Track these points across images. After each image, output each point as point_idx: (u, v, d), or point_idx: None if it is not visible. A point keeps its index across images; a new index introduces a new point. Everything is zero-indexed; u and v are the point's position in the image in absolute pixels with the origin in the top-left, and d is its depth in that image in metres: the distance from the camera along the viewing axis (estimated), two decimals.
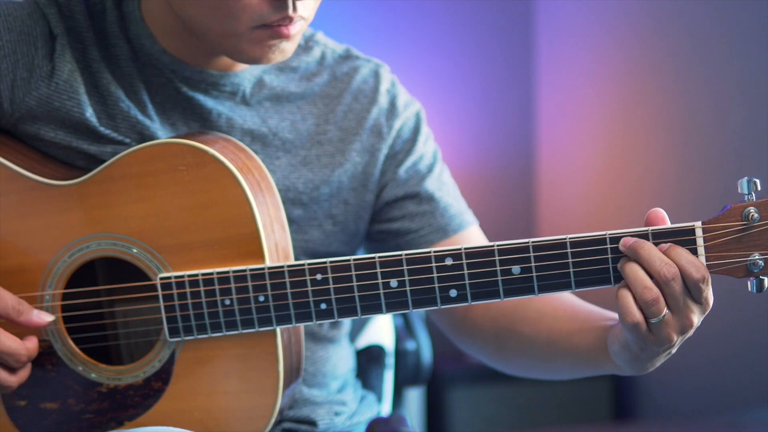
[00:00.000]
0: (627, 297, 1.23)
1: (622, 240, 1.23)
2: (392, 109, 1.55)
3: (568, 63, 3.71)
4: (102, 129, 1.41)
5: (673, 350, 1.27)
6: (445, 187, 1.57)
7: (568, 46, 3.71)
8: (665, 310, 1.22)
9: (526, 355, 1.50)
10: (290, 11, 1.30)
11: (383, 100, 1.55)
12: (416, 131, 1.57)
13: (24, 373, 1.35)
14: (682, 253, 1.21)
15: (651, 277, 1.22)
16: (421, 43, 3.74)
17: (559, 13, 3.73)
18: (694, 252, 1.22)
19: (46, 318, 1.35)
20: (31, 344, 1.34)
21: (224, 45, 1.35)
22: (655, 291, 1.21)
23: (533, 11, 3.81)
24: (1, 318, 1.33)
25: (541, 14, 3.80)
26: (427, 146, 1.58)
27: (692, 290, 1.22)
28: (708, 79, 3.05)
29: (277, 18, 1.31)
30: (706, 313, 1.26)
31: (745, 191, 1.21)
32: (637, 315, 1.22)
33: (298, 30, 1.34)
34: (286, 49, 1.36)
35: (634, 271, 1.22)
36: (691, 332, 1.25)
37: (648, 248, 1.22)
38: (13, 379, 1.34)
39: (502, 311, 1.50)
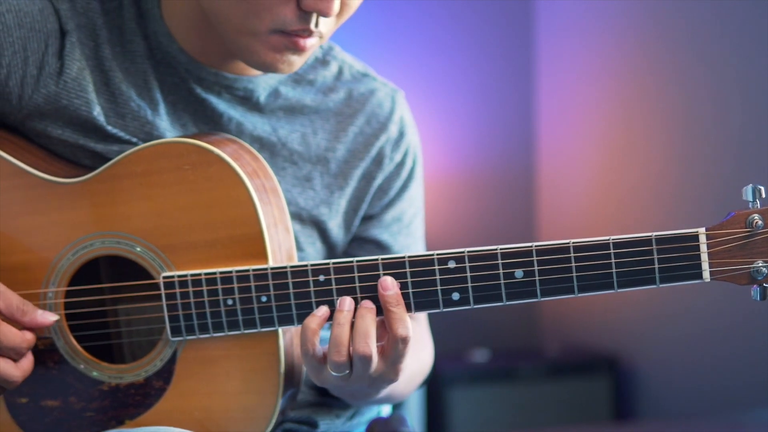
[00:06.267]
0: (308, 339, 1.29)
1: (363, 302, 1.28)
2: (399, 140, 1.56)
3: (568, 63, 3.71)
4: (109, 128, 1.41)
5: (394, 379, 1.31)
6: (414, 245, 1.60)
7: (568, 46, 3.71)
8: (346, 371, 1.27)
9: None
10: (312, 25, 1.31)
11: (394, 129, 1.56)
12: (412, 175, 1.59)
13: (26, 365, 1.35)
14: (401, 309, 1.27)
15: None
16: (422, 43, 3.74)
17: (559, 13, 3.73)
18: (698, 258, 1.23)
19: (51, 318, 1.35)
20: (29, 335, 1.34)
21: (239, 42, 1.35)
22: (344, 356, 1.26)
23: (533, 11, 3.82)
24: (6, 318, 1.33)
25: (541, 14, 3.80)
26: (417, 192, 1.61)
27: (391, 344, 1.27)
28: (709, 79, 3.06)
29: (298, 28, 1.31)
30: (396, 366, 1.29)
31: (750, 198, 1.21)
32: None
33: (311, 45, 1.35)
34: (295, 62, 1.36)
35: (338, 331, 1.27)
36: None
37: (361, 322, 1.26)
38: (17, 373, 1.34)
39: None
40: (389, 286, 1.27)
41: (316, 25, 1.31)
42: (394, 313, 1.26)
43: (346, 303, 1.27)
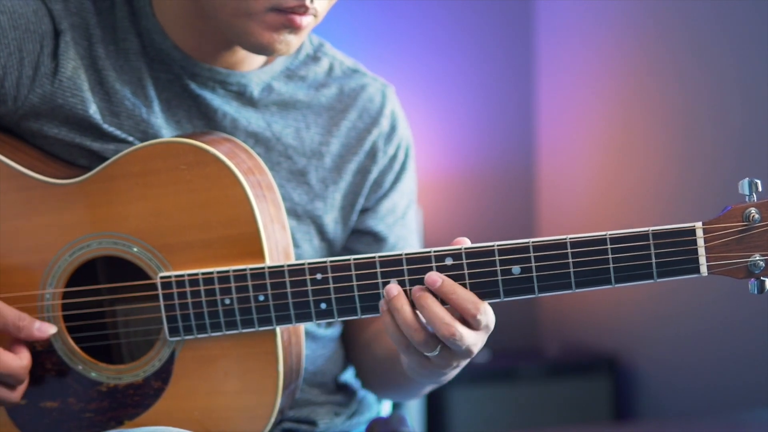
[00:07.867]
0: (389, 325, 1.27)
1: (413, 290, 1.26)
2: (391, 134, 1.57)
3: (568, 63, 3.71)
4: (105, 126, 1.41)
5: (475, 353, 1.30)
6: (410, 236, 1.61)
7: (568, 46, 3.71)
8: (438, 347, 1.25)
9: (378, 373, 1.57)
10: (307, 0, 1.31)
11: (385, 123, 1.56)
12: (404, 167, 1.59)
13: (23, 387, 1.36)
14: (458, 292, 1.24)
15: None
16: (422, 43, 3.74)
17: (559, 13, 3.73)
18: (695, 252, 1.22)
19: (49, 330, 1.35)
20: (26, 360, 1.34)
21: (235, 26, 1.35)
22: (424, 334, 1.24)
23: (533, 11, 3.82)
24: (2, 334, 1.34)
25: (541, 14, 3.80)
26: (410, 185, 1.61)
27: (472, 323, 1.25)
28: (708, 78, 3.06)
29: (294, 4, 1.32)
30: (490, 331, 1.28)
31: (746, 192, 1.21)
32: (403, 341, 1.27)
33: (307, 23, 1.35)
34: (292, 42, 1.37)
35: (403, 314, 1.25)
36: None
37: (430, 306, 1.24)
38: (16, 395, 1.35)
39: (371, 333, 1.56)
40: (437, 278, 1.25)
41: (311, 0, 1.32)
42: (457, 297, 1.25)
43: (394, 289, 1.26)
